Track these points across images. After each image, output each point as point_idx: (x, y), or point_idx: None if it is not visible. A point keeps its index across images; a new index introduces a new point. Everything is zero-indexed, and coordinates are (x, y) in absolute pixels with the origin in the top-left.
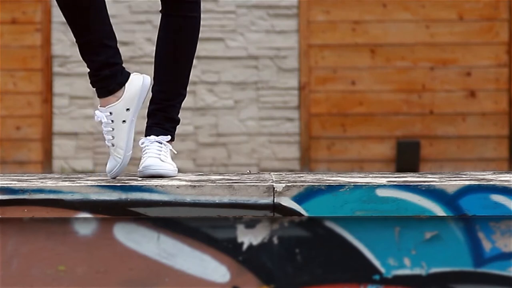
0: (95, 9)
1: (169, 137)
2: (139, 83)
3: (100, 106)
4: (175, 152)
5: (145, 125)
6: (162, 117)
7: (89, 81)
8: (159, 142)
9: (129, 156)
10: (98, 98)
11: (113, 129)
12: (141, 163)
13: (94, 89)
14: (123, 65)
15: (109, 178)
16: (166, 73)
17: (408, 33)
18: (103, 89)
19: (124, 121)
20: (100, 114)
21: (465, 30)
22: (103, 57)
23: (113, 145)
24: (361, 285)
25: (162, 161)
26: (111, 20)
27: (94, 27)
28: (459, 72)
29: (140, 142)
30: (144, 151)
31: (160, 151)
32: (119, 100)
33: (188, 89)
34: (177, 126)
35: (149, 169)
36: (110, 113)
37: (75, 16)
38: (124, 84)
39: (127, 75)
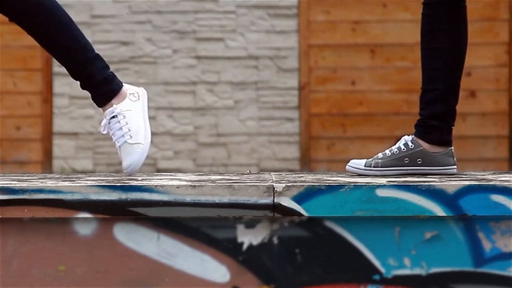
0: (69, 32)
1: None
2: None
3: (105, 113)
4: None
5: None
6: None
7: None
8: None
9: (149, 143)
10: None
11: (124, 116)
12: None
13: (98, 101)
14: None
15: (125, 174)
16: None
17: (408, 33)
18: (105, 95)
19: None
20: (109, 115)
21: None
22: (100, 65)
23: (130, 136)
24: (361, 285)
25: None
26: (111, 20)
27: (79, 46)
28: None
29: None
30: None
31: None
32: (123, 97)
33: (188, 89)
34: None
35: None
36: (116, 112)
37: (61, 45)
38: (122, 85)
39: (120, 84)
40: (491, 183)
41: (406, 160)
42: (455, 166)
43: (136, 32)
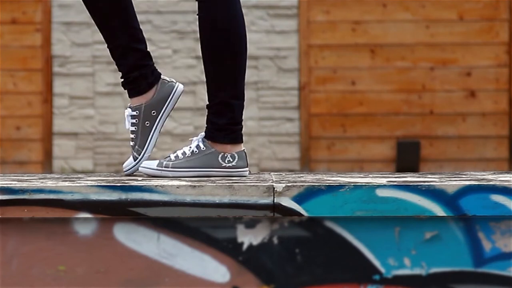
0: (119, 15)
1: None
2: (170, 89)
3: (129, 105)
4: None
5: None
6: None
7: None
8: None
9: (146, 158)
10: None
11: (136, 128)
12: None
13: (126, 90)
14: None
15: (122, 175)
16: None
17: (408, 33)
18: (133, 90)
19: (147, 123)
20: (128, 112)
21: (465, 30)
22: (131, 60)
23: (134, 144)
24: (361, 285)
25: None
26: None
27: (120, 32)
28: (459, 72)
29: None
30: None
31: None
32: (147, 102)
33: (188, 89)
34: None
35: None
36: (137, 112)
37: (102, 23)
38: (154, 85)
39: (158, 75)
40: (491, 183)
41: (198, 162)
42: (246, 169)
43: None
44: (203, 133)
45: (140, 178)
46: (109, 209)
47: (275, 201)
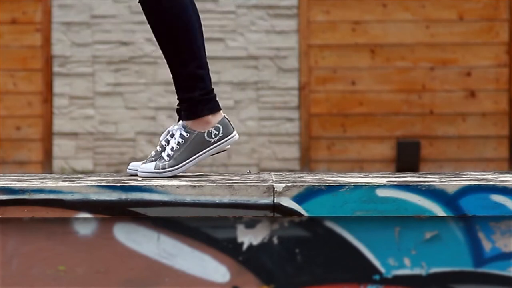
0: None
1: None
2: (228, 133)
3: (183, 124)
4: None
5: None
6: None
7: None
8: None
9: (166, 175)
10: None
11: (177, 148)
12: None
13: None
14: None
15: (133, 176)
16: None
17: (408, 33)
18: (191, 113)
19: (188, 150)
20: (179, 130)
21: (465, 30)
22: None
23: (168, 157)
24: (361, 285)
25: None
26: (111, 20)
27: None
28: (459, 72)
29: None
30: None
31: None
32: (199, 132)
33: None
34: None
35: None
36: (187, 135)
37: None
38: (210, 114)
39: (218, 107)
40: (491, 183)
41: (191, 149)
42: (234, 133)
43: (136, 32)
44: (180, 122)
45: (140, 178)
46: (109, 209)
47: (275, 201)
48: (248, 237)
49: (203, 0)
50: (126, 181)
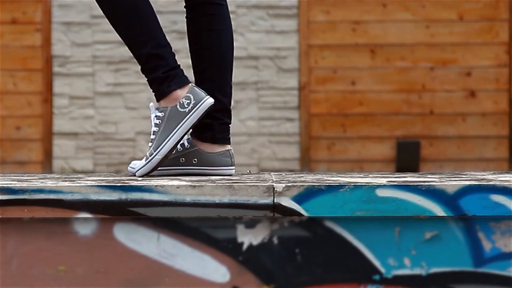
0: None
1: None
2: (200, 99)
3: (156, 106)
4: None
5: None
6: None
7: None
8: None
9: (157, 161)
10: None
11: (157, 130)
12: None
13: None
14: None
15: (133, 176)
16: None
17: (408, 33)
18: (161, 91)
19: (169, 127)
20: (154, 112)
21: (465, 30)
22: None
23: (151, 145)
24: (361, 285)
25: None
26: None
27: (158, 34)
28: (459, 72)
29: None
30: None
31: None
32: (172, 106)
33: None
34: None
35: None
36: (162, 114)
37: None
38: (180, 88)
39: (186, 80)
40: (491, 183)
41: (182, 159)
42: (232, 167)
43: None
44: (151, 104)
45: (140, 178)
46: (109, 209)
47: (275, 201)
48: (248, 237)
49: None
50: (126, 181)
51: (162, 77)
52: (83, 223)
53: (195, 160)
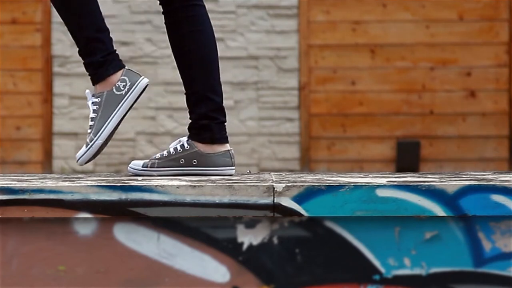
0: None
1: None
2: (135, 80)
3: (92, 93)
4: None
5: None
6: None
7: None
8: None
9: (98, 145)
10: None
11: (95, 116)
12: None
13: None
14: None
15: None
16: None
17: (408, 33)
18: (96, 75)
19: (106, 111)
20: (90, 98)
21: (465, 30)
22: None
23: (90, 131)
24: (361, 285)
25: None
26: (111, 20)
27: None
28: (459, 72)
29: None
30: None
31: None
32: (109, 90)
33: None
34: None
35: None
36: (99, 99)
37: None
38: (116, 71)
39: (121, 64)
40: (491, 183)
41: (182, 161)
42: (232, 167)
43: (136, 32)
44: (87, 91)
45: (140, 178)
46: (109, 209)
47: (275, 201)
48: (248, 237)
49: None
50: (126, 181)
51: (100, 61)
52: (83, 223)
53: (195, 161)
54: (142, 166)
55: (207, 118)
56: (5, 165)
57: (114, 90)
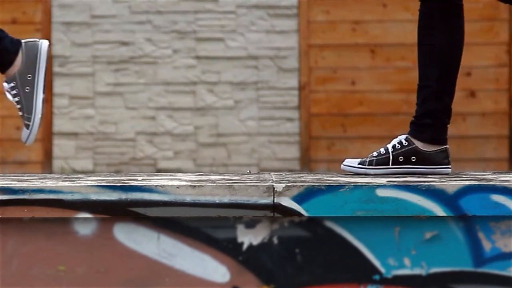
0: None
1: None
2: (36, 48)
3: (4, 80)
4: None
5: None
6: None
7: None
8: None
9: (38, 120)
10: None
11: (19, 98)
12: None
13: None
14: None
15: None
16: None
17: (408, 33)
18: (1, 64)
19: (27, 88)
20: (6, 86)
21: (465, 30)
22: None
23: (22, 113)
24: (361, 285)
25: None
26: (111, 20)
27: None
28: (459, 72)
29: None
30: None
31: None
32: (19, 69)
33: (188, 89)
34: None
35: None
36: (14, 83)
37: None
38: (18, 52)
39: (18, 41)
40: (491, 183)
41: (401, 158)
42: (449, 166)
43: (136, 32)
44: (3, 83)
45: (140, 178)
46: (109, 209)
47: (275, 201)
48: (248, 237)
49: (203, 0)
50: (126, 181)
51: (3, 47)
52: (83, 223)
53: (413, 158)
54: (359, 164)
55: (431, 117)
56: (5, 165)
57: (23, 67)
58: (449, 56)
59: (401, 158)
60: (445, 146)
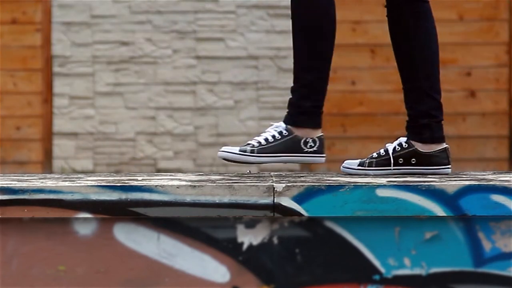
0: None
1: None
2: (320, 148)
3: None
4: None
5: None
6: None
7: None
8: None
9: (249, 160)
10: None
11: (273, 140)
12: None
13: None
14: None
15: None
16: None
17: None
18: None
19: (283, 148)
20: (282, 127)
21: (465, 30)
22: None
23: (256, 143)
24: (361, 285)
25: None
26: (111, 20)
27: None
28: (459, 72)
29: None
30: None
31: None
32: (297, 136)
33: (188, 89)
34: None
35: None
36: (286, 133)
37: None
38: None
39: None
40: (491, 183)
41: (401, 160)
42: (449, 166)
43: (136, 32)
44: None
45: (140, 178)
46: (109, 209)
47: (275, 201)
48: (248, 237)
49: (203, 0)
50: (126, 181)
51: (309, 110)
52: (83, 223)
53: (413, 160)
54: (358, 165)
55: (427, 117)
56: (5, 165)
57: (302, 142)
58: (429, 53)
59: (400, 160)
60: (445, 146)
